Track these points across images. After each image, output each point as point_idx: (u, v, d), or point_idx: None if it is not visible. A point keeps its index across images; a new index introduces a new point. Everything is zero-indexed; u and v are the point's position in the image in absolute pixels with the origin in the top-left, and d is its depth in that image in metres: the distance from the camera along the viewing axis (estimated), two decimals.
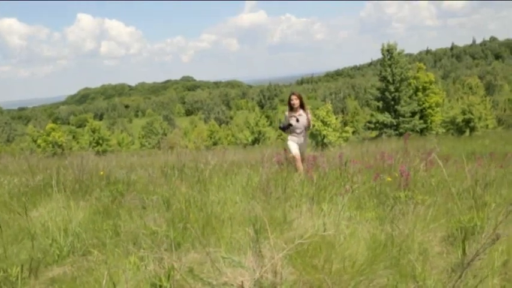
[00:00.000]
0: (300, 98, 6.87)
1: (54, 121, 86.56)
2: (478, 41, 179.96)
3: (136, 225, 3.46)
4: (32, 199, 4.70)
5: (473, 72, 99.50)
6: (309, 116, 6.99)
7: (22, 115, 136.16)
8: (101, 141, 50.49)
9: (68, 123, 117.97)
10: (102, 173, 5.83)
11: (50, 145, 47.16)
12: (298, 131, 6.90)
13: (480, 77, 77.25)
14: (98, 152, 44.24)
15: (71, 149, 49.78)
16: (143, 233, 3.12)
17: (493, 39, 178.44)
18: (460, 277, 2.25)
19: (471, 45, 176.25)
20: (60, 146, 46.79)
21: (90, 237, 3.27)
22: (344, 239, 2.89)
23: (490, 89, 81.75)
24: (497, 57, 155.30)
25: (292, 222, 3.35)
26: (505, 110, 46.23)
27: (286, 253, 2.45)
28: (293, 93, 6.85)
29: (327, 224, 3.37)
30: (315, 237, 2.64)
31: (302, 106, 6.89)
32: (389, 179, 4.61)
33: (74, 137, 65.51)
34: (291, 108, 6.86)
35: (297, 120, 6.79)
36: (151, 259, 2.60)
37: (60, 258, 2.98)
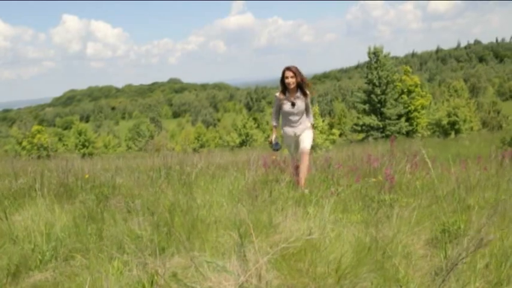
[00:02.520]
0: (298, 76, 5.15)
1: (40, 123, 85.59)
2: (463, 44, 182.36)
3: (120, 230, 3.43)
4: (14, 203, 4.63)
5: (458, 75, 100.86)
6: (309, 102, 5.40)
7: (7, 117, 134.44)
8: (87, 144, 50.11)
9: (54, 125, 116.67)
10: (87, 176, 5.78)
11: (35, 147, 46.63)
12: (293, 118, 5.36)
13: (465, 80, 78.28)
14: (84, 155, 43.93)
15: (56, 151, 49.33)
16: (127, 237, 3.09)
17: (477, 42, 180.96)
18: (443, 280, 2.26)
19: (456, 49, 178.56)
20: (45, 148, 46.28)
21: (74, 241, 3.23)
22: (329, 242, 2.90)
23: (474, 91, 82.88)
24: (481, 60, 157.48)
25: (277, 225, 3.35)
26: (489, 112, 46.83)
27: (270, 257, 2.45)
28: (288, 69, 5.15)
29: (312, 227, 3.37)
30: (300, 241, 2.65)
31: (301, 87, 5.25)
32: (374, 179, 4.64)
33: (60, 139, 64.87)
34: (285, 89, 5.27)
35: (292, 105, 5.25)
36: (135, 264, 2.58)
37: (42, 263, 2.93)
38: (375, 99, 41.93)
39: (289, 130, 5.45)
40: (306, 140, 5.41)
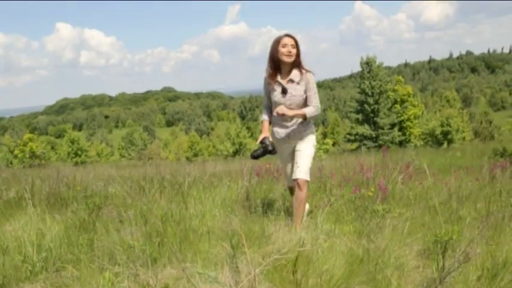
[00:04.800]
0: (297, 47, 3.62)
1: (32, 131, 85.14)
2: (455, 54, 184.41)
3: (112, 240, 3.41)
4: (5, 212, 4.59)
5: (450, 85, 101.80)
6: (312, 85, 3.64)
7: None
8: (79, 152, 49.86)
9: (47, 134, 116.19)
10: (78, 188, 5.74)
11: (27, 156, 46.31)
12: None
13: (457, 90, 78.96)
14: (76, 163, 43.70)
15: (48, 159, 49.03)
16: (119, 247, 3.07)
17: (469, 53, 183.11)
18: None
19: (448, 59, 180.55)
20: (37, 156, 45.98)
21: (65, 252, 3.20)
22: (322, 253, 2.90)
23: (466, 101, 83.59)
24: (473, 70, 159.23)
25: (270, 236, 3.34)
26: (481, 123, 47.20)
27: (263, 268, 2.45)
28: (287, 35, 3.61)
29: (305, 238, 3.37)
30: (293, 252, 2.64)
31: (298, 64, 3.64)
32: (370, 193, 4.65)
33: (52, 147, 64.57)
34: (275, 67, 3.65)
35: (283, 92, 3.62)
36: (126, 275, 2.56)
37: (33, 274, 2.90)
38: (368, 109, 42.17)
39: (279, 132, 3.77)
40: (303, 158, 3.71)
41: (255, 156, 3.79)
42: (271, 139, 3.72)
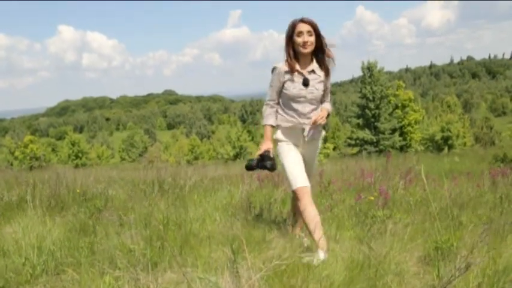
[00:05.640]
0: (317, 33, 3.11)
1: (33, 133, 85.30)
2: (456, 60, 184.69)
3: (112, 243, 3.40)
4: (5, 215, 4.60)
5: (451, 91, 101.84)
6: (329, 81, 3.29)
7: (0, 126, 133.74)
8: (80, 155, 49.92)
9: (47, 136, 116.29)
10: (78, 190, 5.74)
11: (28, 157, 46.37)
12: (305, 109, 3.18)
13: (458, 95, 78.98)
14: (76, 166, 43.73)
15: (49, 161, 49.05)
16: (119, 251, 3.07)
17: (470, 58, 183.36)
18: None
19: (449, 64, 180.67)
20: (38, 158, 46.02)
21: (65, 255, 3.20)
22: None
23: (467, 107, 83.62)
24: (474, 76, 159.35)
25: (271, 241, 3.34)
26: (482, 128, 47.20)
27: (263, 274, 2.44)
28: (302, 20, 3.08)
29: (305, 243, 3.37)
30: (293, 258, 2.64)
31: (320, 56, 3.19)
32: (371, 198, 4.65)
33: (53, 149, 64.63)
34: (295, 55, 3.15)
35: (305, 84, 3.14)
36: (126, 279, 2.56)
37: (33, 277, 2.90)
38: (369, 114, 42.19)
39: (296, 122, 3.21)
40: (315, 159, 3.48)
41: (250, 168, 3.26)
42: (272, 154, 3.21)
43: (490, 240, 3.30)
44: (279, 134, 3.29)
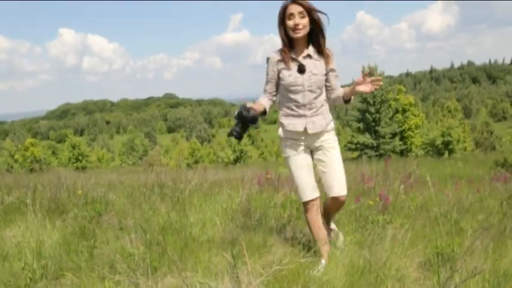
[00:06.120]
0: (313, 14, 2.80)
1: (34, 136, 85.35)
2: (456, 64, 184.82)
3: (112, 248, 3.40)
4: (5, 218, 4.59)
5: (452, 95, 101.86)
6: (333, 61, 2.96)
7: (0, 129, 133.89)
8: (80, 158, 49.87)
9: (48, 138, 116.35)
10: (80, 192, 5.74)
11: (28, 160, 46.36)
12: (303, 99, 2.90)
13: (458, 100, 78.96)
14: (77, 169, 43.71)
15: (49, 164, 49.07)
16: (119, 256, 3.07)
17: (470, 63, 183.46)
18: None
19: (449, 69, 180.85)
20: (38, 161, 46.02)
21: (65, 259, 3.19)
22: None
23: (466, 112, 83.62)
24: (475, 81, 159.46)
25: (271, 246, 3.33)
26: (482, 133, 47.19)
27: (264, 279, 2.44)
28: (294, 1, 2.76)
29: (306, 248, 3.36)
30: (294, 263, 2.63)
31: (315, 38, 2.88)
32: (371, 202, 4.64)
33: (53, 152, 64.68)
34: (288, 40, 2.87)
35: (300, 70, 2.86)
36: (126, 284, 2.56)
37: (33, 281, 2.89)
38: (370, 118, 42.17)
39: (295, 124, 2.94)
40: (339, 168, 3.01)
41: (233, 133, 2.79)
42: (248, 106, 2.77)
43: (490, 245, 3.29)
44: (280, 131, 3.03)
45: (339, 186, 2.98)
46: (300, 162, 3.00)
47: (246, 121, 2.74)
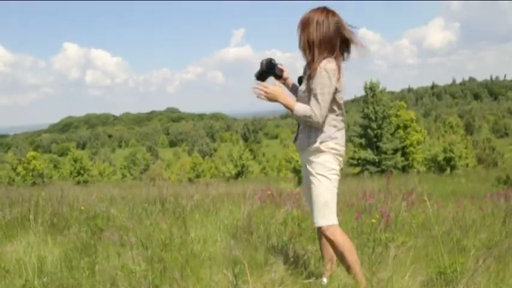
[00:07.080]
0: (306, 32, 2.72)
1: (36, 149, 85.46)
2: (458, 80, 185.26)
3: (114, 264, 3.39)
4: (7, 233, 4.58)
5: (453, 111, 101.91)
6: (318, 80, 2.61)
7: (2, 142, 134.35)
8: (82, 171, 49.80)
9: (50, 152, 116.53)
10: (82, 207, 5.73)
11: (30, 173, 46.33)
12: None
13: (460, 116, 79.01)
14: (78, 182, 43.70)
15: (51, 178, 49.04)
16: (120, 272, 3.06)
17: (472, 79, 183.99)
18: None
19: (451, 85, 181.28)
20: (40, 175, 46.00)
21: (66, 276, 3.19)
22: (325, 284, 2.87)
23: (468, 128, 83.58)
24: (476, 97, 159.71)
25: (273, 264, 3.32)
26: (484, 149, 47.08)
27: None
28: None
29: (308, 267, 3.35)
30: (297, 284, 2.62)
31: (309, 50, 2.72)
32: (373, 220, 4.62)
33: (55, 165, 64.70)
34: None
35: (299, 82, 2.95)
36: None
37: None
38: (371, 134, 42.16)
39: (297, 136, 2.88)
40: (316, 197, 2.70)
41: (259, 76, 2.91)
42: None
43: (493, 265, 3.27)
44: None
45: (312, 215, 2.81)
46: (303, 176, 2.91)
47: (272, 67, 2.91)
